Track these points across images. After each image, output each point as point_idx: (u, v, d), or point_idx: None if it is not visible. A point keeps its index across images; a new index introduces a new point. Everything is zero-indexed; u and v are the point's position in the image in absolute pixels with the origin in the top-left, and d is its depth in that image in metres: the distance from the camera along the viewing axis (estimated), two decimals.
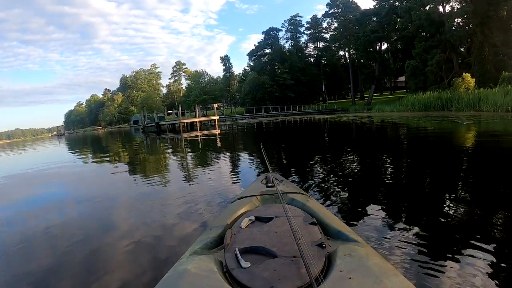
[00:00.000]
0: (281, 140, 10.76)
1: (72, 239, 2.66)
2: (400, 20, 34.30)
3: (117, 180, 5.70)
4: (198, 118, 25.47)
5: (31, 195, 4.95)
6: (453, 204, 2.74)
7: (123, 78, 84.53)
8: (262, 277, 0.95)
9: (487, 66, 24.41)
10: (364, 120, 18.64)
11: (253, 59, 56.21)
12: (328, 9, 49.32)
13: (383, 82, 51.50)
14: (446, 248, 1.92)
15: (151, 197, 3.94)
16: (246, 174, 4.85)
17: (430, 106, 21.48)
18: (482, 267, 1.65)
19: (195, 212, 3.01)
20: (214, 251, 1.22)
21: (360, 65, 45.82)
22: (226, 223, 1.44)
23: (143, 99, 72.48)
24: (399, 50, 40.08)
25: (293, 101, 49.24)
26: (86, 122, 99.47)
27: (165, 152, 10.19)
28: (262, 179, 2.20)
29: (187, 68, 76.58)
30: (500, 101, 15.12)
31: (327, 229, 1.32)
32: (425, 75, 28.37)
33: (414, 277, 1.59)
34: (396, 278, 0.91)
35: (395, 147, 7.09)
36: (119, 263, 2.10)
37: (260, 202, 1.74)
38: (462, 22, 27.77)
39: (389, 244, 1.97)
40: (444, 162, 4.70)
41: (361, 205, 2.95)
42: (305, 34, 58.75)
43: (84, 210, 3.72)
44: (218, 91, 61.52)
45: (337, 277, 0.91)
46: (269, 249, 1.12)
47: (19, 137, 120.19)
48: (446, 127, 10.76)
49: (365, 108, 34.64)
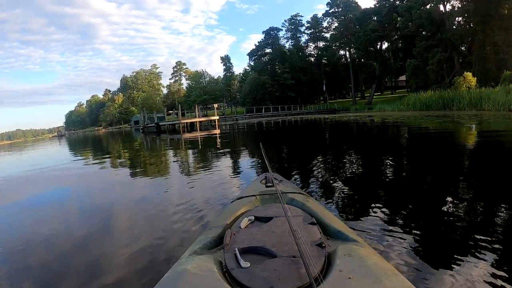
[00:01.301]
0: (281, 140, 10.74)
1: (72, 239, 2.65)
2: (400, 19, 34.21)
3: (116, 180, 5.66)
4: (198, 118, 25.42)
5: (31, 197, 4.93)
6: (454, 204, 2.72)
7: (124, 78, 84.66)
8: (262, 277, 0.95)
9: (488, 65, 24.34)
10: (365, 119, 18.57)
11: (253, 59, 56.20)
12: (328, 9, 49.35)
13: (384, 82, 51.37)
14: (446, 248, 1.90)
15: (150, 197, 3.91)
16: (245, 174, 4.83)
17: (431, 105, 21.40)
18: (483, 267, 1.63)
19: (195, 212, 2.99)
20: (214, 251, 1.22)
21: (361, 64, 45.75)
22: (225, 223, 1.44)
23: (143, 99, 72.50)
24: (400, 49, 40.00)
25: (294, 100, 49.18)
26: (86, 122, 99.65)
27: (164, 153, 10.17)
28: (262, 179, 2.20)
29: (188, 68, 76.80)
30: (502, 100, 15.04)
31: (326, 229, 1.32)
32: (426, 74, 28.28)
33: (414, 277, 1.58)
34: (395, 278, 0.90)
35: (396, 147, 7.04)
36: (119, 263, 2.09)
37: (259, 202, 1.73)
38: (463, 21, 27.70)
39: (389, 244, 1.96)
40: (445, 162, 4.64)
41: (361, 205, 2.93)
42: (306, 34, 58.78)
43: (83, 209, 3.70)
44: (218, 91, 61.50)
45: (336, 277, 0.91)
46: (268, 249, 1.11)
47: (20, 137, 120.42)
48: (449, 127, 10.67)
49: (366, 108, 34.54)
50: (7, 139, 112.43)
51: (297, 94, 50.37)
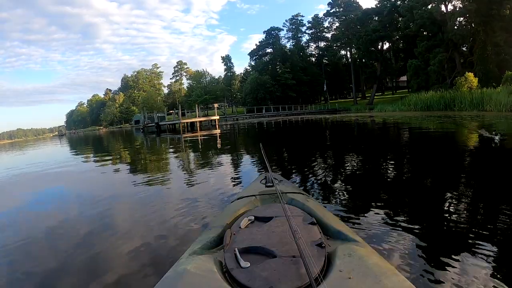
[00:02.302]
0: (282, 141, 10.68)
1: (72, 238, 2.64)
2: (402, 19, 34.14)
3: (116, 180, 5.62)
4: (198, 118, 25.38)
5: (31, 196, 4.90)
6: (454, 204, 2.70)
7: (125, 78, 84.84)
8: (262, 277, 0.95)
9: (490, 65, 24.28)
10: (366, 120, 18.49)
11: (254, 58, 56.21)
12: (329, 9, 49.33)
13: (385, 82, 51.31)
14: (446, 247, 1.89)
15: (149, 196, 3.90)
16: (245, 174, 4.80)
17: (433, 105, 21.30)
18: (483, 267, 1.62)
19: (194, 212, 2.98)
20: (214, 251, 1.22)
21: (362, 64, 45.65)
22: (225, 223, 1.44)
23: (144, 99, 72.53)
24: (401, 49, 39.96)
25: (295, 100, 49.15)
26: (87, 122, 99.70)
27: (164, 152, 10.13)
28: (262, 179, 2.19)
29: (189, 68, 76.87)
30: (504, 100, 14.94)
31: (326, 229, 1.32)
32: (427, 74, 28.22)
33: (414, 276, 1.57)
34: (395, 277, 0.90)
35: (397, 147, 6.99)
36: (118, 263, 2.08)
37: (259, 202, 1.73)
38: (464, 21, 27.65)
39: (389, 244, 1.95)
40: (446, 163, 4.59)
41: (361, 205, 2.90)
42: (307, 34, 58.77)
43: (83, 209, 3.65)
44: (219, 90, 61.51)
45: (336, 277, 0.91)
46: (268, 249, 1.11)
47: (21, 137, 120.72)
48: (451, 128, 10.60)
49: (367, 108, 34.48)
50: (8, 138, 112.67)
51: (298, 94, 50.33)
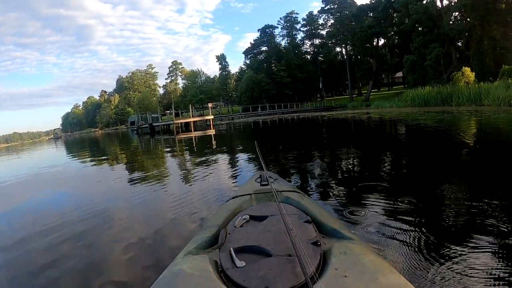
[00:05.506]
0: (277, 139, 10.55)
1: (68, 239, 2.66)
2: (397, 14, 33.98)
3: (109, 181, 5.68)
4: (192, 118, 25.04)
5: (27, 199, 4.90)
6: (450, 201, 2.65)
7: (120, 79, 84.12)
8: (257, 276, 0.94)
9: (486, 60, 24.16)
10: (363, 117, 18.26)
11: (249, 57, 55.89)
12: (324, 5, 49.04)
13: (381, 78, 51.14)
14: (442, 245, 1.86)
15: (143, 197, 3.92)
16: (240, 172, 4.82)
17: (430, 101, 21.17)
18: (480, 265, 1.60)
19: (189, 211, 3.01)
20: (209, 251, 1.20)
21: (357, 61, 45.30)
22: (220, 222, 1.42)
23: (139, 99, 72.00)
24: (397, 45, 39.79)
25: (290, 98, 48.82)
26: (83, 124, 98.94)
27: (157, 154, 10.09)
28: (257, 177, 2.15)
29: (184, 68, 76.39)
30: (502, 95, 14.81)
31: (322, 227, 1.30)
32: (423, 69, 28.05)
33: (410, 274, 1.57)
34: (392, 275, 0.90)
35: (394, 144, 6.85)
36: (114, 264, 2.11)
37: (254, 200, 1.72)
38: (460, 16, 27.51)
39: (385, 242, 1.95)
40: (445, 159, 4.47)
41: (356, 202, 2.88)
42: (301, 31, 58.31)
43: (78, 211, 3.60)
44: (214, 90, 61.05)
45: (332, 275, 0.91)
46: (264, 248, 1.10)
47: (17, 140, 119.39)
48: (451, 121, 10.37)
49: (363, 105, 34.24)
50: (4, 142, 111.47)
51: (294, 92, 50.05)
